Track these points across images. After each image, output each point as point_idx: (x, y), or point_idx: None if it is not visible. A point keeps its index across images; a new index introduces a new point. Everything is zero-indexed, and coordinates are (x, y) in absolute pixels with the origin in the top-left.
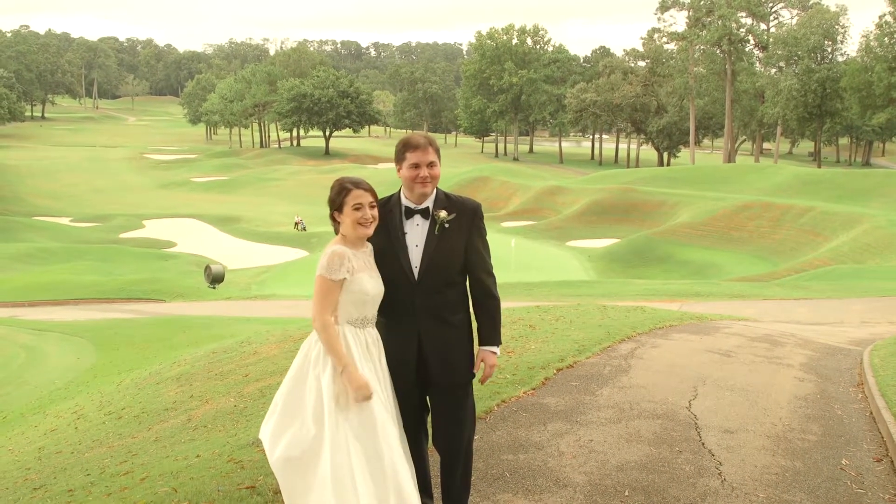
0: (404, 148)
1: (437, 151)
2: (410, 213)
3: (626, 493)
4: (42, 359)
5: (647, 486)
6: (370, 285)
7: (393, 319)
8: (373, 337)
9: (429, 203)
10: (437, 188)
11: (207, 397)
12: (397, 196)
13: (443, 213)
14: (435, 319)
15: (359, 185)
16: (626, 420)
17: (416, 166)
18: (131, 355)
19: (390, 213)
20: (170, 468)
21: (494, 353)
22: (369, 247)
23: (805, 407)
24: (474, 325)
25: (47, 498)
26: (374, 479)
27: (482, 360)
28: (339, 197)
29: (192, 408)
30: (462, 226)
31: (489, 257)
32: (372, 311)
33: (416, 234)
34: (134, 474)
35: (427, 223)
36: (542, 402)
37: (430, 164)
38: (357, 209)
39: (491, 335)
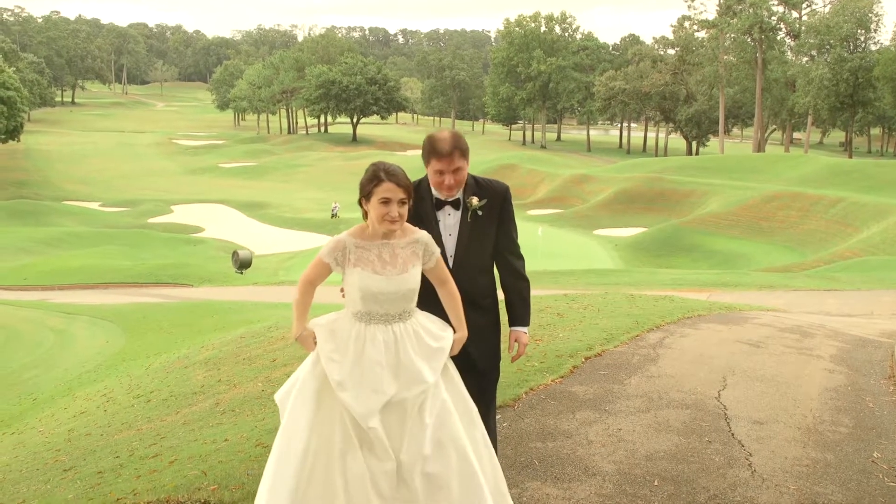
0: (430, 152)
1: (465, 153)
2: (441, 203)
3: (656, 483)
4: (71, 342)
5: (677, 476)
6: (369, 283)
7: (429, 307)
8: (379, 338)
9: (458, 194)
10: None
11: (235, 381)
12: (427, 184)
13: (475, 201)
14: (469, 305)
15: (393, 176)
16: (655, 409)
17: (441, 173)
18: (159, 339)
19: (421, 201)
20: (198, 451)
21: (525, 333)
22: (409, 238)
23: (836, 399)
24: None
25: (77, 479)
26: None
27: (516, 340)
28: (369, 185)
29: (220, 392)
30: (493, 210)
31: (517, 241)
32: (380, 309)
33: (448, 222)
34: (163, 457)
35: (458, 212)
36: (571, 391)
37: (456, 171)
38: (384, 203)
39: (522, 315)
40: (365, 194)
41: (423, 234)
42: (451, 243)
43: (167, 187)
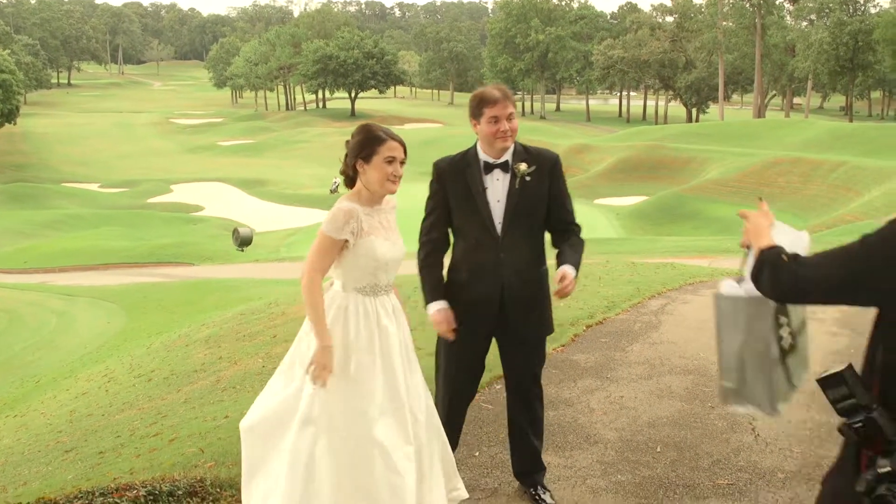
0: (481, 103)
1: (514, 103)
2: (490, 167)
3: (659, 450)
4: (73, 323)
5: (680, 442)
6: (383, 250)
7: (476, 275)
8: (388, 308)
9: (507, 157)
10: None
11: (236, 358)
12: (473, 151)
13: (523, 166)
14: (517, 274)
15: (393, 136)
16: (657, 376)
17: (496, 120)
18: (160, 318)
19: (468, 169)
20: (198, 429)
21: (573, 272)
22: (392, 202)
23: (839, 361)
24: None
25: (78, 460)
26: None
27: (563, 276)
28: (370, 145)
29: (221, 369)
30: (543, 177)
31: (573, 209)
32: (386, 278)
33: (496, 188)
34: (163, 435)
35: (507, 177)
36: (572, 359)
37: (510, 117)
38: (389, 162)
39: (575, 259)
40: (364, 155)
41: (395, 200)
42: (498, 210)
43: (166, 167)
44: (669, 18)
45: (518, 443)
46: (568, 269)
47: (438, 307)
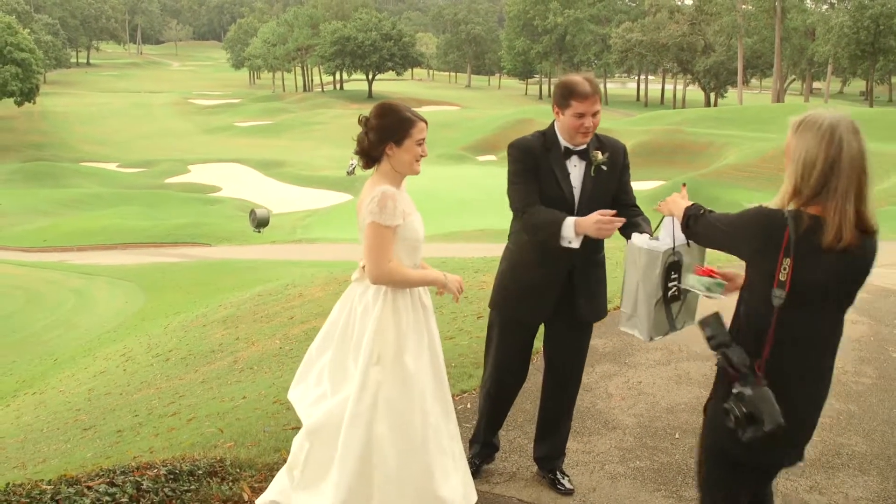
0: (570, 94)
1: (601, 96)
2: (569, 153)
3: (677, 436)
4: (91, 302)
5: (698, 429)
6: (420, 227)
7: (549, 257)
8: (422, 299)
9: (586, 144)
10: None
11: (253, 339)
12: (552, 133)
13: (599, 155)
14: (585, 259)
15: (420, 116)
16: (676, 362)
17: (582, 115)
18: (178, 298)
19: (550, 151)
20: (216, 409)
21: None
22: (405, 182)
23: (859, 349)
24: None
25: (97, 438)
26: (400, 458)
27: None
28: (403, 127)
29: (238, 350)
30: (616, 166)
31: (633, 192)
32: (417, 259)
33: (574, 174)
34: (181, 415)
35: (583, 164)
36: (591, 344)
37: (595, 114)
38: (419, 144)
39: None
40: (396, 138)
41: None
42: (575, 195)
43: (184, 147)
44: (689, 1)
45: (548, 427)
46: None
47: (573, 219)
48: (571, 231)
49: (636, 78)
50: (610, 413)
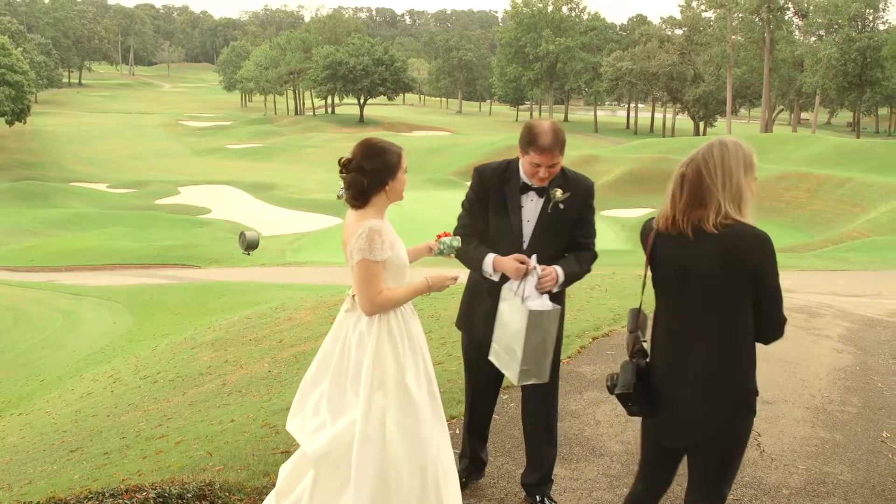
0: (530, 143)
1: (563, 148)
2: (526, 188)
3: None
4: (79, 323)
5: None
6: (405, 252)
7: (495, 284)
8: (409, 310)
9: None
10: None
11: (242, 362)
12: (516, 165)
13: (559, 193)
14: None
15: (398, 147)
16: None
17: (537, 166)
18: (166, 320)
19: (508, 183)
20: (204, 432)
21: (560, 274)
22: (387, 210)
23: (844, 379)
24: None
25: (83, 460)
26: (413, 476)
27: (548, 272)
28: (394, 165)
29: (227, 373)
30: (575, 205)
31: (594, 234)
32: (405, 281)
33: (529, 209)
34: (169, 438)
35: (541, 200)
36: (578, 371)
37: (552, 166)
38: (405, 172)
39: (570, 268)
40: (393, 174)
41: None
42: (527, 230)
43: (174, 168)
44: (679, 31)
45: (535, 451)
46: (557, 268)
47: (493, 256)
48: (490, 267)
49: (626, 106)
50: (598, 440)
